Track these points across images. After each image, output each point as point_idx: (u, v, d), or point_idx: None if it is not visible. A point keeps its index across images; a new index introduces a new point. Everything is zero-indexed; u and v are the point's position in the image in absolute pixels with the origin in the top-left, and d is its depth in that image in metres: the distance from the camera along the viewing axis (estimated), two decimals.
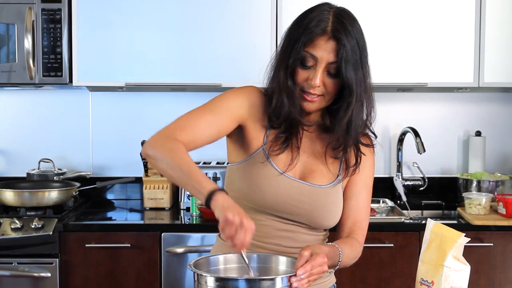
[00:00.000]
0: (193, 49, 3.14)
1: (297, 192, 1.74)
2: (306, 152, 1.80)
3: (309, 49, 1.67)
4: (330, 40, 1.66)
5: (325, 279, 1.84)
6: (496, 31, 3.16)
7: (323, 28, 1.66)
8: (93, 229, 2.95)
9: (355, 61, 1.68)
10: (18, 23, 3.08)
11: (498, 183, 3.28)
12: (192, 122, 1.73)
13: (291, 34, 1.72)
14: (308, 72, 1.68)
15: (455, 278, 1.53)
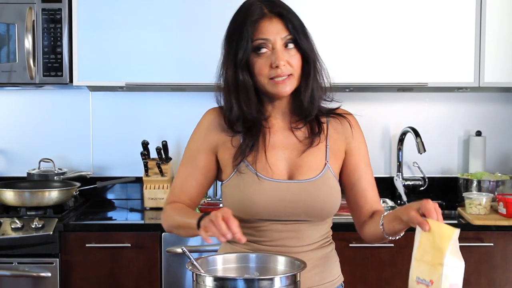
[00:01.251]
0: (193, 49, 3.14)
1: (287, 193, 1.74)
2: (286, 149, 1.79)
3: (259, 35, 1.70)
4: (274, 18, 1.71)
5: (333, 277, 1.83)
6: (496, 30, 3.16)
7: (260, 13, 1.71)
8: (94, 229, 2.95)
9: (302, 30, 1.73)
10: (18, 23, 3.08)
11: (499, 183, 3.28)
12: (180, 184, 1.84)
13: (232, 33, 1.74)
14: (268, 58, 1.70)
15: (453, 275, 1.52)
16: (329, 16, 3.15)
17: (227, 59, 1.75)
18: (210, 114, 1.85)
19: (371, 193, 1.85)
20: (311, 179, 1.76)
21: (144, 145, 3.31)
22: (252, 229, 1.76)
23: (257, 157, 1.76)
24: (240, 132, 1.77)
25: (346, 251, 2.90)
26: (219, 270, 1.63)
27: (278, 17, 1.71)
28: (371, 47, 3.17)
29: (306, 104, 1.76)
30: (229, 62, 1.73)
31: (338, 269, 1.88)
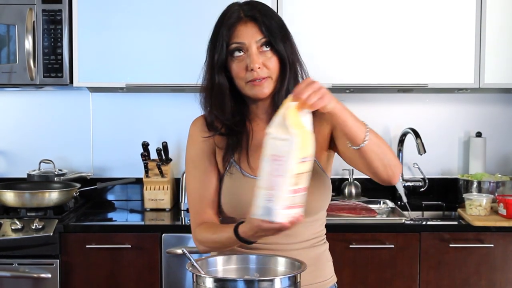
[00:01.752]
0: (193, 49, 3.13)
1: None
2: None
3: (234, 39, 1.72)
4: (248, 22, 1.72)
5: (326, 277, 1.83)
6: (496, 31, 3.16)
7: (237, 16, 1.73)
8: (94, 230, 2.95)
9: (279, 32, 1.73)
10: (18, 24, 3.08)
11: (499, 184, 3.28)
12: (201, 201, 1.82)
13: (211, 37, 1.79)
14: (243, 61, 1.72)
15: (275, 146, 1.48)
16: (330, 17, 3.15)
17: (206, 63, 1.79)
18: (198, 121, 1.88)
19: None
20: None
21: (144, 146, 3.31)
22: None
23: (243, 157, 1.79)
24: (222, 134, 1.80)
25: (346, 252, 2.90)
26: (219, 271, 1.63)
27: (253, 21, 1.72)
28: (371, 48, 3.17)
29: (277, 101, 1.75)
30: (207, 66, 1.78)
31: (331, 269, 1.88)
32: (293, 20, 2.94)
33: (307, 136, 1.49)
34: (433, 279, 2.92)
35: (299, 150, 1.46)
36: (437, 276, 2.92)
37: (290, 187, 1.47)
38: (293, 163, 1.46)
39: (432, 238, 2.92)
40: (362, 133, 1.58)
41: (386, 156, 1.63)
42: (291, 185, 1.47)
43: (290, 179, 1.47)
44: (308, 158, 1.49)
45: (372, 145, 1.60)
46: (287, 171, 1.46)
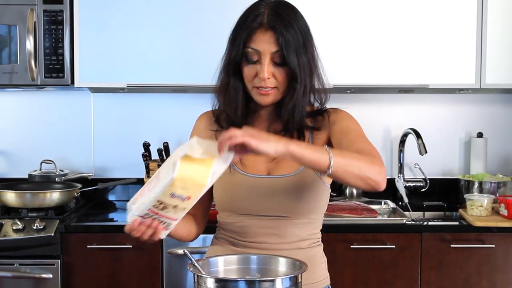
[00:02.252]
0: (194, 50, 3.14)
1: (260, 188, 1.76)
2: None
3: (250, 44, 1.72)
4: (268, 31, 1.71)
5: (318, 279, 1.83)
6: (497, 32, 3.16)
7: (259, 22, 1.71)
8: (95, 231, 2.95)
9: (296, 46, 1.71)
10: (20, 24, 3.08)
11: (500, 185, 3.28)
12: None
13: (232, 34, 1.78)
14: (255, 67, 1.73)
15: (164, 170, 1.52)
16: (330, 17, 3.15)
17: (224, 57, 1.80)
18: (202, 117, 1.92)
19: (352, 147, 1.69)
20: (287, 175, 1.77)
21: (145, 146, 3.31)
22: (233, 224, 1.81)
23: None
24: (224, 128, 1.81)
25: (347, 252, 2.90)
26: (220, 272, 1.63)
27: (272, 30, 1.71)
28: (372, 49, 3.17)
29: (285, 118, 1.77)
30: (225, 61, 1.79)
31: (324, 271, 1.87)
32: None
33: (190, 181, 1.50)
34: (434, 279, 2.92)
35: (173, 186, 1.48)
36: (438, 277, 2.92)
37: (149, 206, 1.53)
38: (161, 191, 1.49)
39: (433, 239, 2.92)
40: (324, 161, 1.51)
41: (360, 171, 1.55)
42: (151, 205, 1.52)
43: (153, 200, 1.51)
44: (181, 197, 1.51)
45: (340, 167, 1.52)
46: (154, 192, 1.52)
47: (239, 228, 1.80)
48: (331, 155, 1.51)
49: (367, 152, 1.62)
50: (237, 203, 1.78)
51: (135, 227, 1.56)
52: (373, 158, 1.59)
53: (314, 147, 1.55)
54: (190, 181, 1.49)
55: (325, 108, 1.84)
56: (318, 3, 3.14)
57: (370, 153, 1.63)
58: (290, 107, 1.75)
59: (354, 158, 1.56)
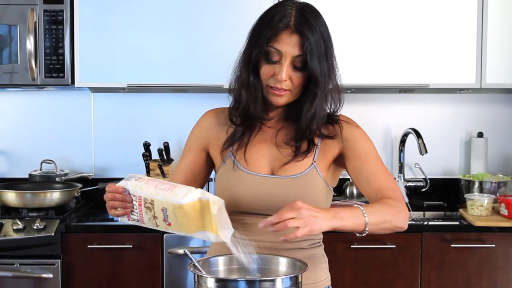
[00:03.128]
0: (195, 50, 3.14)
1: (266, 187, 1.76)
2: (273, 145, 1.81)
3: (274, 44, 1.69)
4: (294, 34, 1.69)
5: (318, 279, 1.83)
6: (498, 32, 3.16)
7: (286, 23, 1.69)
8: (95, 230, 2.95)
9: (319, 53, 1.70)
10: (20, 24, 3.08)
11: (500, 184, 3.28)
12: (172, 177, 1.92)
13: (255, 30, 1.75)
14: (274, 67, 1.71)
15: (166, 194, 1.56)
16: (331, 17, 3.14)
17: (245, 54, 1.77)
18: (208, 113, 1.92)
19: (376, 182, 1.77)
20: (291, 176, 1.77)
21: (146, 146, 3.31)
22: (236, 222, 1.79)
23: (241, 150, 1.80)
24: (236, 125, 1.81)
25: (348, 252, 2.90)
26: (221, 271, 1.63)
27: (298, 34, 1.68)
28: (372, 49, 3.17)
29: (304, 126, 1.76)
30: (245, 58, 1.76)
31: (325, 271, 1.87)
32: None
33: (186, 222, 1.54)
34: (434, 279, 2.92)
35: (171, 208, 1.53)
36: (438, 277, 2.92)
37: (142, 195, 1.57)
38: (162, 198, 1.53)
39: (434, 238, 2.92)
40: (361, 226, 1.62)
41: (391, 224, 1.68)
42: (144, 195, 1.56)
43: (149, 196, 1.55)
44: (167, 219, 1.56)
45: (374, 227, 1.64)
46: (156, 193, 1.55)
47: (240, 226, 1.80)
48: (366, 221, 1.61)
49: (390, 190, 1.73)
50: (240, 201, 1.77)
51: (114, 190, 1.61)
52: (399, 205, 1.69)
53: (351, 214, 1.62)
54: (185, 220, 1.54)
55: (336, 115, 1.83)
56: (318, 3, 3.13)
57: (393, 191, 1.73)
58: (310, 115, 1.74)
59: (386, 213, 1.66)
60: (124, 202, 1.60)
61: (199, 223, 1.54)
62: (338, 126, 1.81)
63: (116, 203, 1.62)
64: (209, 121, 1.89)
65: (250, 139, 1.81)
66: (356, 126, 1.84)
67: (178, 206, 1.51)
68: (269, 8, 1.76)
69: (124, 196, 1.60)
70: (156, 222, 1.58)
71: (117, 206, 1.62)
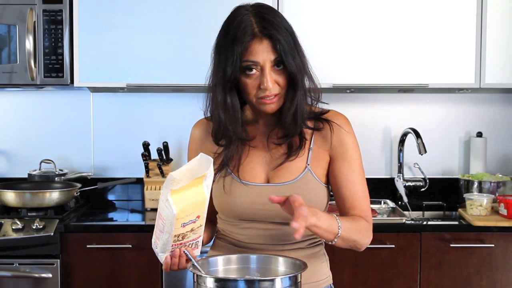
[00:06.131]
0: (194, 50, 3.14)
1: (261, 197, 1.74)
2: (265, 150, 1.81)
3: (248, 57, 1.67)
4: (264, 40, 1.67)
5: (320, 278, 1.83)
6: (497, 31, 3.16)
7: (251, 32, 1.66)
8: (94, 230, 2.95)
9: (291, 49, 1.69)
10: (19, 24, 3.08)
11: (499, 184, 3.28)
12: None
13: (222, 49, 1.71)
14: (255, 79, 1.69)
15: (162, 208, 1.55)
16: (330, 17, 3.15)
17: (216, 72, 1.73)
18: (199, 126, 1.88)
19: (352, 201, 1.79)
20: (287, 183, 1.77)
21: (145, 146, 3.31)
22: (235, 226, 1.81)
23: (237, 162, 1.79)
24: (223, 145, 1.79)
25: (347, 252, 2.88)
26: (220, 271, 1.63)
27: (268, 38, 1.67)
28: (372, 48, 3.17)
29: (287, 123, 1.75)
30: (219, 77, 1.72)
31: (326, 270, 1.87)
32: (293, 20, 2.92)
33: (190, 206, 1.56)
34: (433, 279, 2.92)
35: (179, 219, 1.55)
36: (437, 276, 2.92)
37: (170, 243, 1.59)
38: (172, 228, 1.55)
39: (433, 238, 2.92)
40: (332, 234, 1.67)
41: (355, 243, 1.77)
42: (171, 241, 1.59)
43: (170, 237, 1.57)
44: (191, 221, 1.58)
45: (341, 240, 1.71)
46: (166, 232, 1.57)
47: (240, 230, 1.80)
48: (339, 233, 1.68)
49: (363, 213, 1.79)
50: (237, 211, 1.77)
51: (169, 264, 1.63)
52: (368, 229, 1.80)
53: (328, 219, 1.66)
54: (190, 207, 1.55)
55: (325, 111, 1.82)
56: (318, 3, 3.14)
57: (365, 214, 1.80)
58: (292, 112, 1.73)
59: (355, 233, 1.74)
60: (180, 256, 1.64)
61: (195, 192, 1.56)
62: (329, 127, 1.80)
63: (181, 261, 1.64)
64: (199, 134, 1.87)
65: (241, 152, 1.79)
66: (346, 131, 1.81)
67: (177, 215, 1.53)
68: (226, 23, 1.73)
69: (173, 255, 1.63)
70: (196, 228, 1.61)
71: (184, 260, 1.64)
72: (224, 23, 1.74)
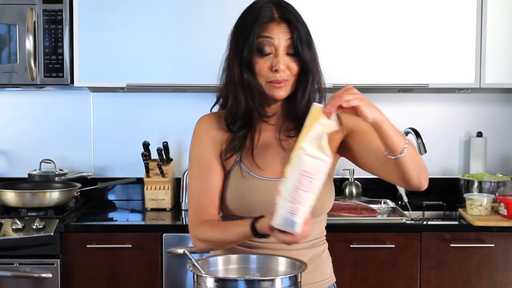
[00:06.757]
0: (194, 49, 3.14)
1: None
2: (279, 145, 1.81)
3: (265, 33, 1.71)
4: (282, 23, 1.72)
5: (324, 277, 1.84)
6: (497, 31, 3.16)
7: (270, 16, 1.72)
8: (95, 230, 2.95)
9: (307, 41, 1.74)
10: (19, 24, 3.08)
11: (500, 184, 3.28)
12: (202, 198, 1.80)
13: (240, 31, 1.76)
14: (268, 60, 1.72)
15: (308, 163, 1.48)
16: (330, 17, 3.15)
17: (233, 56, 1.76)
18: (207, 120, 1.86)
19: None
20: None
21: (145, 146, 3.31)
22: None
23: (249, 156, 1.79)
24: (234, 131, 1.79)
25: (347, 252, 2.90)
26: (220, 271, 1.63)
27: (286, 23, 1.72)
28: (372, 48, 3.17)
29: (300, 114, 1.77)
30: (235, 59, 1.75)
31: (330, 269, 1.88)
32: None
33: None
34: (434, 279, 2.92)
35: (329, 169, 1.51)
36: (438, 276, 2.92)
37: (313, 203, 1.51)
38: (322, 181, 1.50)
39: (433, 238, 2.92)
40: (401, 143, 1.61)
41: (419, 164, 1.69)
42: (314, 201, 1.51)
43: (315, 196, 1.51)
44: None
45: (409, 155, 1.63)
46: (315, 189, 1.50)
47: None
48: (406, 141, 1.61)
49: None
50: (253, 207, 1.75)
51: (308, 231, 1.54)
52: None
53: (395, 127, 1.61)
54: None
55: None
56: (318, 2, 3.14)
57: None
58: (305, 102, 1.76)
59: (417, 152, 1.71)
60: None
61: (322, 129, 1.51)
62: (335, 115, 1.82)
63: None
64: (213, 127, 1.83)
65: (254, 145, 1.79)
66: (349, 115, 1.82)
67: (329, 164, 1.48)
68: (246, 10, 1.79)
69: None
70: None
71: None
72: (242, 13, 1.80)
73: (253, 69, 1.74)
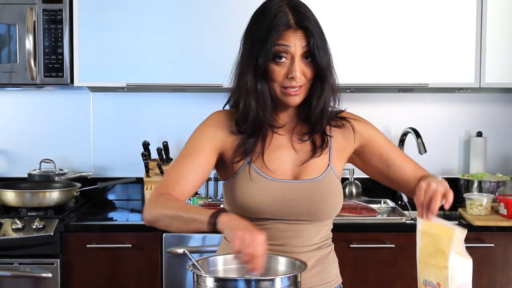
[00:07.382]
0: (194, 49, 3.14)
1: (291, 193, 1.74)
2: (290, 147, 1.81)
3: (281, 41, 1.68)
4: (298, 30, 1.70)
5: (331, 278, 1.84)
6: (497, 31, 3.16)
7: (286, 23, 1.69)
8: (94, 230, 2.95)
9: (323, 46, 1.73)
10: (19, 24, 3.08)
11: (499, 184, 3.28)
12: (176, 175, 1.75)
13: (254, 35, 1.72)
14: (284, 67, 1.70)
15: (460, 276, 1.53)
16: (330, 17, 3.15)
17: (247, 61, 1.73)
18: (219, 114, 1.84)
19: (409, 164, 1.89)
20: (314, 179, 1.77)
21: (145, 145, 3.31)
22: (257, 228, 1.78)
23: (259, 158, 1.77)
24: (245, 134, 1.77)
25: (347, 252, 2.90)
26: (220, 271, 1.63)
27: (302, 29, 1.70)
28: (372, 48, 3.17)
29: (314, 120, 1.77)
30: (250, 66, 1.72)
31: (336, 270, 1.88)
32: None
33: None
34: None
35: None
36: None
37: None
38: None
39: None
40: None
41: None
42: None
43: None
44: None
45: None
46: None
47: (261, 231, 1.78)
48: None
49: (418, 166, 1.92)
50: (264, 209, 1.74)
51: None
52: None
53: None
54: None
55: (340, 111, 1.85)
56: (318, 2, 3.14)
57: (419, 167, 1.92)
58: (320, 108, 1.75)
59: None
60: None
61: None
62: (348, 123, 1.84)
63: None
64: (222, 123, 1.81)
65: (265, 147, 1.78)
66: (364, 121, 1.89)
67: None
68: (261, 11, 1.74)
69: None
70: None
71: None
72: (256, 14, 1.76)
73: (267, 75, 1.72)
